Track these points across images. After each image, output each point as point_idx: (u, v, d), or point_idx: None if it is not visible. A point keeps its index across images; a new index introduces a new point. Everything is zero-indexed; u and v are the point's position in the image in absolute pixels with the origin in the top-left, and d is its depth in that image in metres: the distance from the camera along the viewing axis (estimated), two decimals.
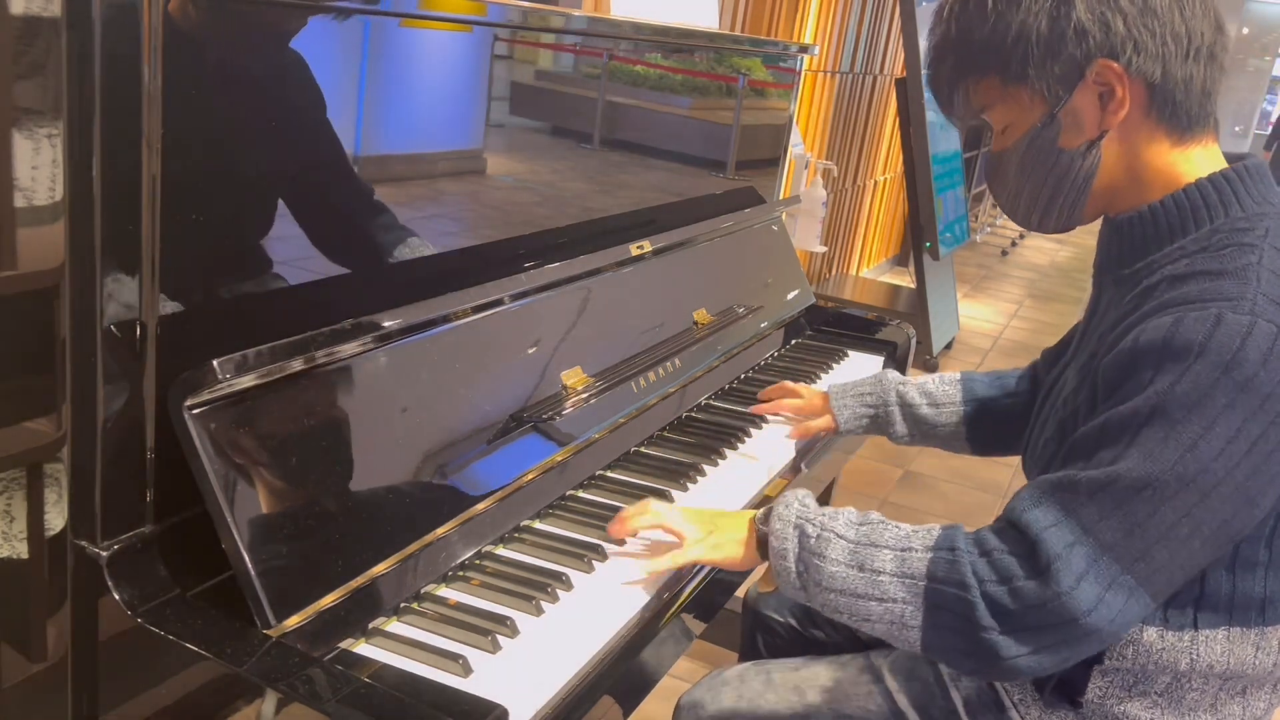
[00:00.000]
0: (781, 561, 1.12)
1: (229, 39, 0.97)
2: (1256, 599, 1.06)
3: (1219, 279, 1.01)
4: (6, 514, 0.95)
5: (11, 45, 0.83)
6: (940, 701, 1.22)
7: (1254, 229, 1.05)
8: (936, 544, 1.05)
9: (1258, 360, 0.95)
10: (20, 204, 0.87)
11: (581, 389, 1.42)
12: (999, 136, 1.16)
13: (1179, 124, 1.09)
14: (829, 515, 1.12)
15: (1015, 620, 1.00)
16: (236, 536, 0.94)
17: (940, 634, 1.03)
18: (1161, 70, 1.06)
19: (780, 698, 1.28)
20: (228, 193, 1.00)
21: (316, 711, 0.87)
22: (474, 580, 1.15)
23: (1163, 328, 0.99)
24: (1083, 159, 1.11)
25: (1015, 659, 1.00)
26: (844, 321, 2.23)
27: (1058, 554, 0.99)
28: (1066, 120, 1.10)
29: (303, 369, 1.04)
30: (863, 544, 1.08)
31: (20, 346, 0.91)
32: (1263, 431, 0.96)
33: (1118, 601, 0.99)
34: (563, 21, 1.53)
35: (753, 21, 3.73)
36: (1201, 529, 0.98)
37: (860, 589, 1.06)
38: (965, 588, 1.01)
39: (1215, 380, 0.96)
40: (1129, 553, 0.98)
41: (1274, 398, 0.96)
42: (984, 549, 1.03)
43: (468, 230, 1.39)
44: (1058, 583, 0.98)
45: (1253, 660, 1.08)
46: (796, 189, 3.81)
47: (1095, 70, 1.06)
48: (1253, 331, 0.96)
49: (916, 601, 1.04)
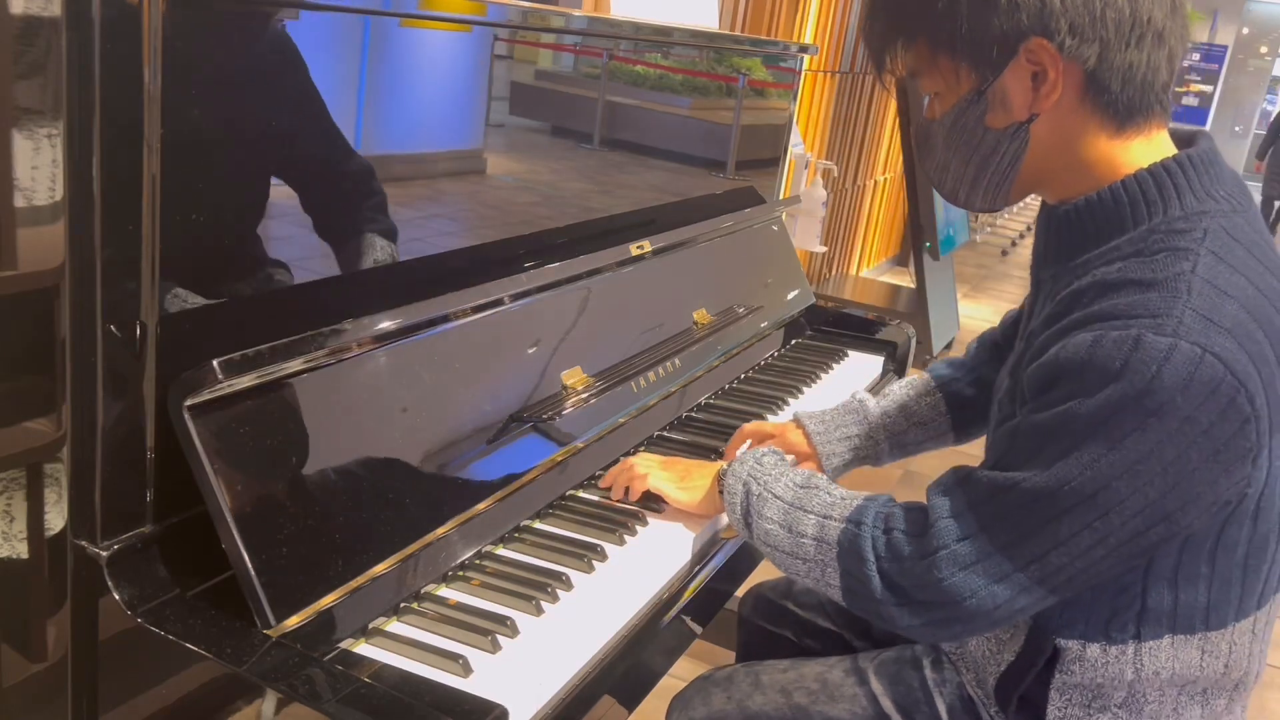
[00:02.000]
0: (732, 514, 1.23)
1: (229, 39, 0.97)
2: (1200, 608, 1.04)
3: (1147, 290, 0.96)
4: (6, 514, 0.95)
5: (11, 45, 0.83)
6: (924, 707, 1.23)
7: (1191, 231, 0.99)
8: (850, 516, 1.12)
9: (1175, 386, 0.91)
10: (20, 204, 0.87)
11: (581, 389, 1.42)
12: (930, 105, 1.11)
13: (1116, 113, 1.03)
14: (774, 475, 1.21)
15: (904, 594, 1.06)
16: (236, 536, 0.94)
17: (853, 597, 1.11)
18: (1098, 55, 0.99)
19: (768, 699, 1.28)
20: (228, 193, 1.00)
21: (316, 711, 0.87)
22: (474, 580, 1.15)
23: (1083, 346, 0.95)
24: (1010, 140, 1.06)
25: (910, 627, 1.08)
26: (844, 321, 2.23)
27: (945, 544, 1.03)
28: (994, 99, 1.04)
29: (303, 369, 1.04)
30: (794, 507, 1.17)
31: (20, 346, 0.91)
32: (1179, 453, 0.93)
33: (1005, 593, 1.01)
34: (563, 21, 1.53)
35: (753, 21, 3.72)
36: (1106, 540, 0.96)
37: (788, 547, 1.15)
38: (863, 561, 1.08)
39: (1124, 405, 0.92)
40: (1022, 555, 1.00)
41: (1193, 421, 0.92)
42: (887, 526, 1.10)
43: (468, 230, 1.39)
44: (939, 569, 1.02)
45: (1199, 664, 1.07)
46: (796, 189, 3.81)
47: (1028, 48, 1.00)
48: (1171, 356, 0.91)
49: (833, 565, 1.11)
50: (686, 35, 1.90)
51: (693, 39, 1.93)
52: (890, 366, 2.10)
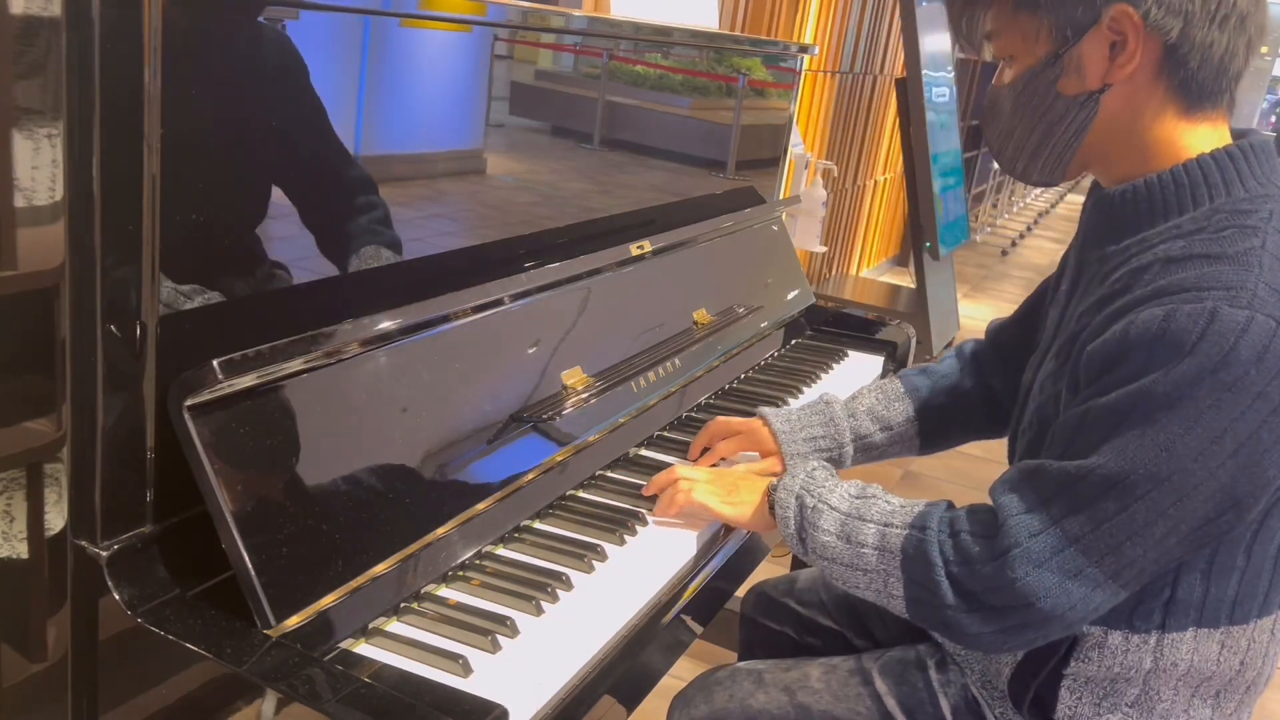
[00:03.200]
0: (785, 529, 1.19)
1: (229, 39, 0.97)
2: (1228, 601, 1.04)
3: (1218, 264, 0.95)
4: (6, 514, 0.95)
5: (11, 45, 0.83)
6: (928, 707, 1.22)
7: (1257, 211, 0.99)
8: (913, 522, 1.08)
9: (1250, 359, 0.91)
10: (20, 204, 0.87)
11: (581, 389, 1.42)
12: (1002, 70, 1.11)
13: (1188, 94, 1.03)
14: (828, 487, 1.17)
15: (976, 600, 1.02)
16: (236, 536, 0.94)
17: (918, 607, 1.07)
18: (1181, 28, 0.99)
19: (771, 698, 1.28)
20: (228, 193, 1.00)
21: (316, 711, 0.87)
22: (474, 580, 1.15)
23: (1155, 320, 0.94)
24: (1079, 109, 1.05)
25: (980, 635, 1.03)
26: (844, 321, 2.22)
27: (1017, 542, 1.00)
28: (1070, 64, 1.03)
29: (303, 369, 1.04)
30: (852, 517, 1.13)
31: (20, 346, 0.91)
32: (1252, 432, 0.92)
33: (1080, 591, 0.98)
34: (563, 21, 1.53)
35: (753, 21, 3.72)
36: (1179, 528, 0.95)
37: (847, 559, 1.11)
38: (931, 567, 1.04)
39: (1200, 380, 0.91)
40: (1097, 547, 0.97)
41: (1265, 396, 0.91)
42: (954, 529, 1.06)
43: (468, 230, 1.39)
44: (1012, 569, 0.99)
45: (1217, 658, 1.06)
46: (796, 189, 3.81)
47: (1111, 15, 1.00)
48: (1249, 328, 0.91)
49: (896, 574, 1.07)
50: (686, 35, 1.90)
51: (693, 39, 1.93)
52: (890, 366, 2.10)
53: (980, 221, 8.45)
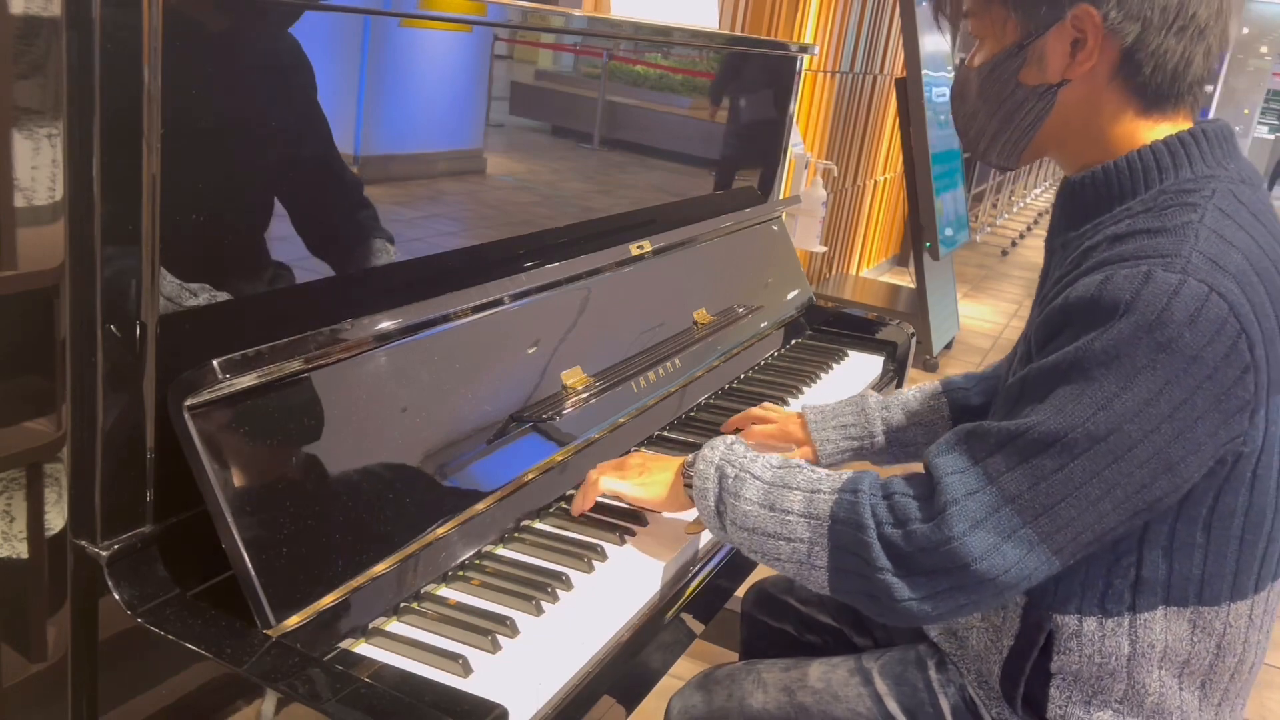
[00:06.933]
0: (703, 501, 1.16)
1: (229, 39, 0.97)
2: (1194, 579, 1.05)
3: (1156, 236, 0.99)
4: (6, 514, 0.95)
5: (11, 45, 0.83)
6: (928, 707, 1.22)
7: (1200, 190, 1.03)
8: (843, 486, 1.07)
9: (1183, 320, 0.93)
10: (20, 204, 0.87)
11: (581, 389, 1.42)
12: (975, 51, 1.15)
13: (1144, 96, 1.07)
14: (750, 458, 1.16)
15: (908, 563, 1.01)
16: (236, 536, 0.94)
17: (843, 576, 1.05)
18: (1138, 33, 1.03)
19: (770, 698, 1.28)
20: (228, 193, 1.00)
21: (316, 711, 0.87)
22: (474, 580, 1.15)
23: (1092, 285, 0.98)
24: (1037, 100, 1.10)
25: (909, 601, 1.01)
26: (844, 321, 2.23)
27: (954, 499, 0.99)
28: (1033, 55, 1.08)
29: (302, 369, 1.04)
30: (776, 485, 1.11)
31: (20, 346, 0.91)
32: (1187, 397, 0.94)
33: (1015, 553, 0.98)
34: (563, 21, 1.53)
35: (753, 21, 3.73)
36: (1114, 492, 0.96)
37: (770, 528, 1.09)
38: (863, 529, 1.03)
39: (1137, 339, 0.94)
40: (1032, 506, 0.98)
41: (1200, 361, 0.93)
42: (887, 491, 1.05)
43: (468, 230, 1.39)
44: (949, 528, 0.99)
45: (1190, 638, 1.07)
46: (796, 189, 3.81)
47: (1074, 13, 1.04)
48: (1180, 290, 0.93)
49: (822, 542, 1.06)
50: (686, 35, 1.90)
51: (693, 39, 1.93)
52: (890, 366, 2.10)
53: (980, 221, 8.45)
